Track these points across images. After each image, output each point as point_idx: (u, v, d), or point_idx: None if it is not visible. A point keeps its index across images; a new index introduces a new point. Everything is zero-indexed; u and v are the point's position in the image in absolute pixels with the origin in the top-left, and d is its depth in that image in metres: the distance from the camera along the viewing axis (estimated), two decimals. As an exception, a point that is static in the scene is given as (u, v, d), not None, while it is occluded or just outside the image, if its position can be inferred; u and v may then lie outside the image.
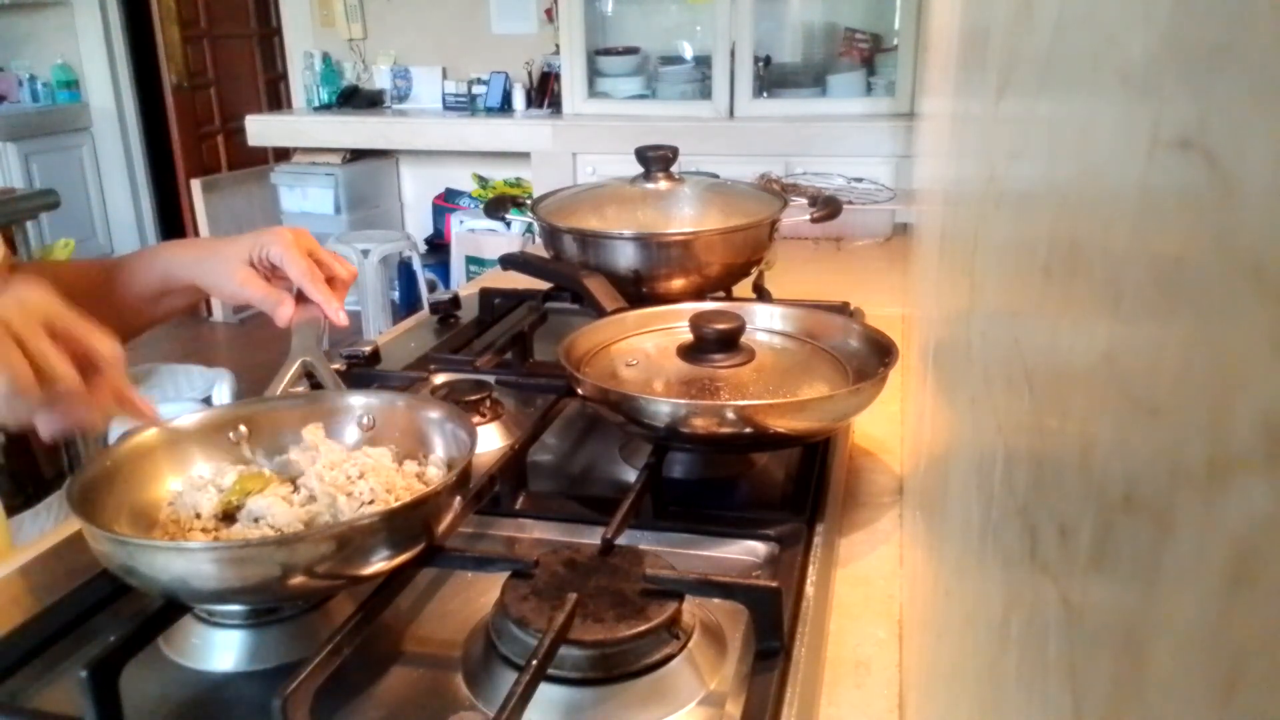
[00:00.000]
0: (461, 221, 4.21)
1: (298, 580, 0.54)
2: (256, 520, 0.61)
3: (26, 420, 0.61)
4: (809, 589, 0.62)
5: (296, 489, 0.65)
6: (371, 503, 0.63)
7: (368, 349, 1.04)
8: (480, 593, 0.64)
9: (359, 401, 0.74)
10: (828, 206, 1.25)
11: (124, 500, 0.64)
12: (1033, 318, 0.25)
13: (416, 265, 4.13)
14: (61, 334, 0.60)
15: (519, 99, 3.84)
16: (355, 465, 0.67)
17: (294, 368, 0.83)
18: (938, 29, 0.84)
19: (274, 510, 0.61)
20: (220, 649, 0.60)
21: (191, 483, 0.66)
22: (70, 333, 0.60)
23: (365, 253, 3.99)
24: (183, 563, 0.53)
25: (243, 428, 0.71)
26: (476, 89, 3.98)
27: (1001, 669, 0.26)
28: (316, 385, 0.83)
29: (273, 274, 0.87)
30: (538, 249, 1.31)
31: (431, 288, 4.08)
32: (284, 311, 0.86)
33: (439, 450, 0.69)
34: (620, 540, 0.63)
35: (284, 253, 0.85)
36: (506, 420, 0.89)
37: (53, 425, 0.61)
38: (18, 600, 0.66)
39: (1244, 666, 0.11)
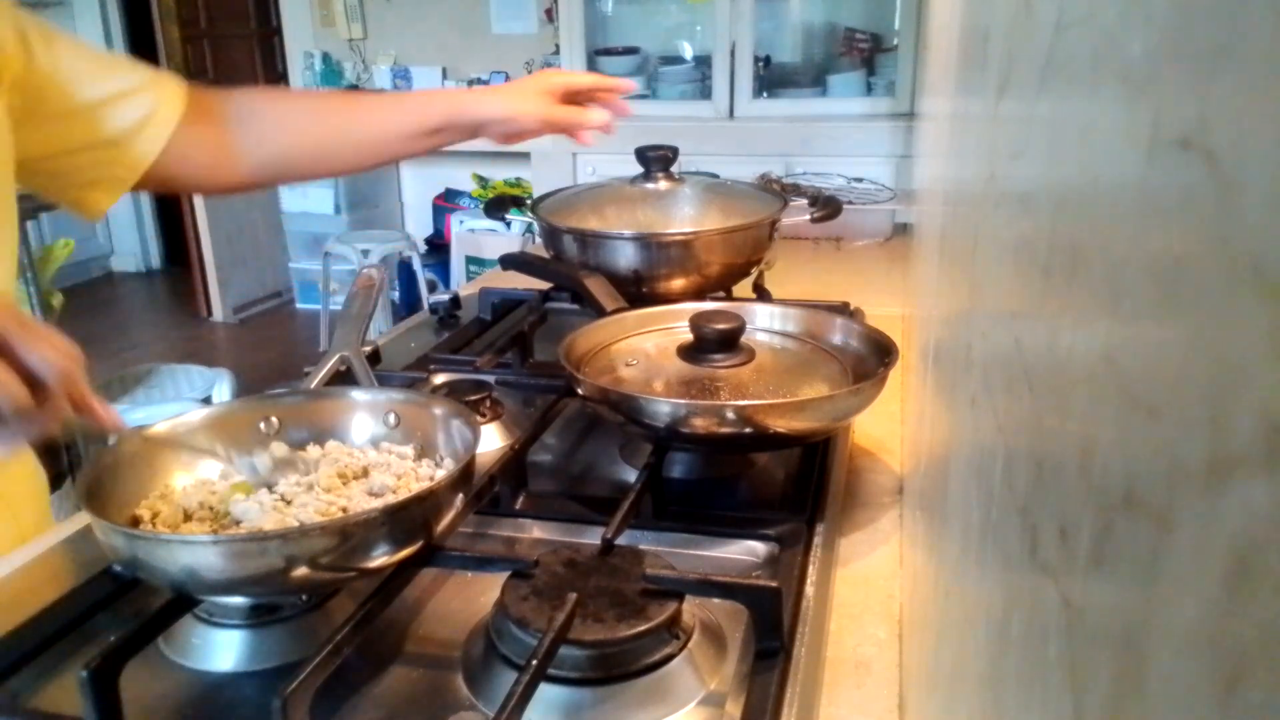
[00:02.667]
0: (461, 221, 4.21)
1: (301, 572, 0.54)
2: (238, 523, 0.62)
3: None
4: (809, 589, 0.62)
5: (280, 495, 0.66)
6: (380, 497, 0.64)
7: (368, 349, 1.04)
8: (480, 593, 0.64)
9: (386, 398, 0.74)
10: (828, 206, 1.25)
11: (132, 495, 0.64)
12: (1033, 318, 0.25)
13: (416, 265, 4.13)
14: (10, 343, 0.56)
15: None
16: (363, 463, 0.68)
17: (333, 361, 0.85)
18: (938, 29, 0.84)
19: (249, 514, 0.62)
20: (220, 649, 0.60)
21: (187, 490, 0.67)
22: (21, 341, 0.56)
23: (365, 253, 3.99)
24: (190, 555, 0.54)
25: (274, 419, 0.72)
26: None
27: (1001, 669, 0.26)
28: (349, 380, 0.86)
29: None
30: (538, 249, 1.31)
31: (431, 288, 4.08)
32: (596, 116, 1.02)
33: (443, 448, 0.70)
34: (620, 540, 0.63)
35: (568, 78, 1.03)
36: (506, 420, 0.89)
37: (5, 442, 0.58)
38: (18, 600, 0.66)
39: (1244, 666, 0.11)
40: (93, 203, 0.91)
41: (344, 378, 0.88)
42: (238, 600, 0.60)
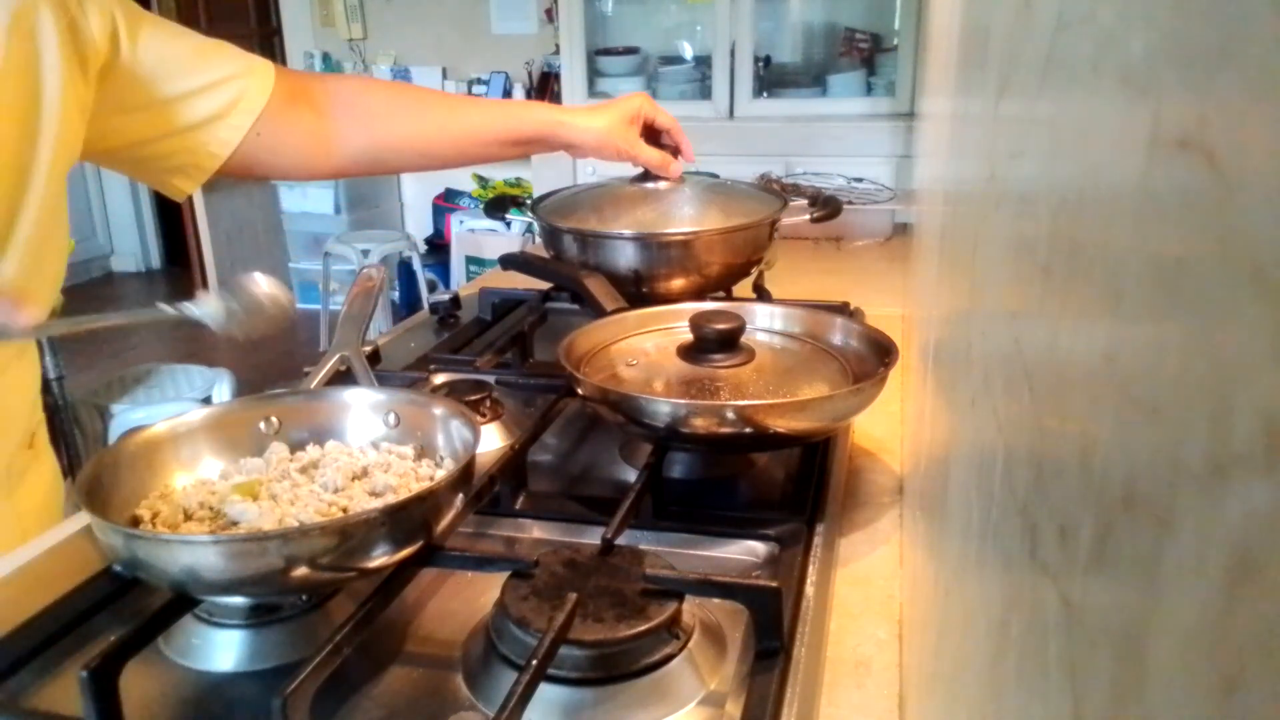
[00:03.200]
0: (461, 221, 4.21)
1: (301, 572, 0.54)
2: (235, 524, 0.62)
3: None
4: (809, 589, 0.62)
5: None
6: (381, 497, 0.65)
7: (368, 349, 1.04)
8: (480, 593, 0.64)
9: (386, 398, 0.74)
10: (828, 206, 1.25)
11: (132, 495, 0.64)
12: (1033, 318, 0.25)
13: (416, 265, 4.13)
14: None
15: (519, 99, 3.85)
16: (363, 463, 0.68)
17: (333, 361, 0.85)
18: (938, 29, 0.84)
19: (246, 515, 0.62)
20: (220, 649, 0.60)
21: (187, 490, 0.67)
22: None
23: (365, 253, 3.99)
24: (190, 555, 0.54)
25: (274, 419, 0.73)
26: (476, 89, 3.98)
27: (1001, 669, 0.26)
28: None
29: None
30: (538, 249, 1.31)
31: (431, 288, 4.08)
32: (676, 168, 1.08)
33: (443, 448, 0.70)
34: (620, 540, 0.63)
35: (655, 111, 1.07)
36: (506, 420, 0.89)
37: None
38: (18, 600, 0.66)
39: (1244, 666, 0.11)
40: (175, 188, 0.94)
41: (344, 378, 0.88)
42: (238, 600, 0.60)
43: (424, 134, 1.04)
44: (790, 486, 0.79)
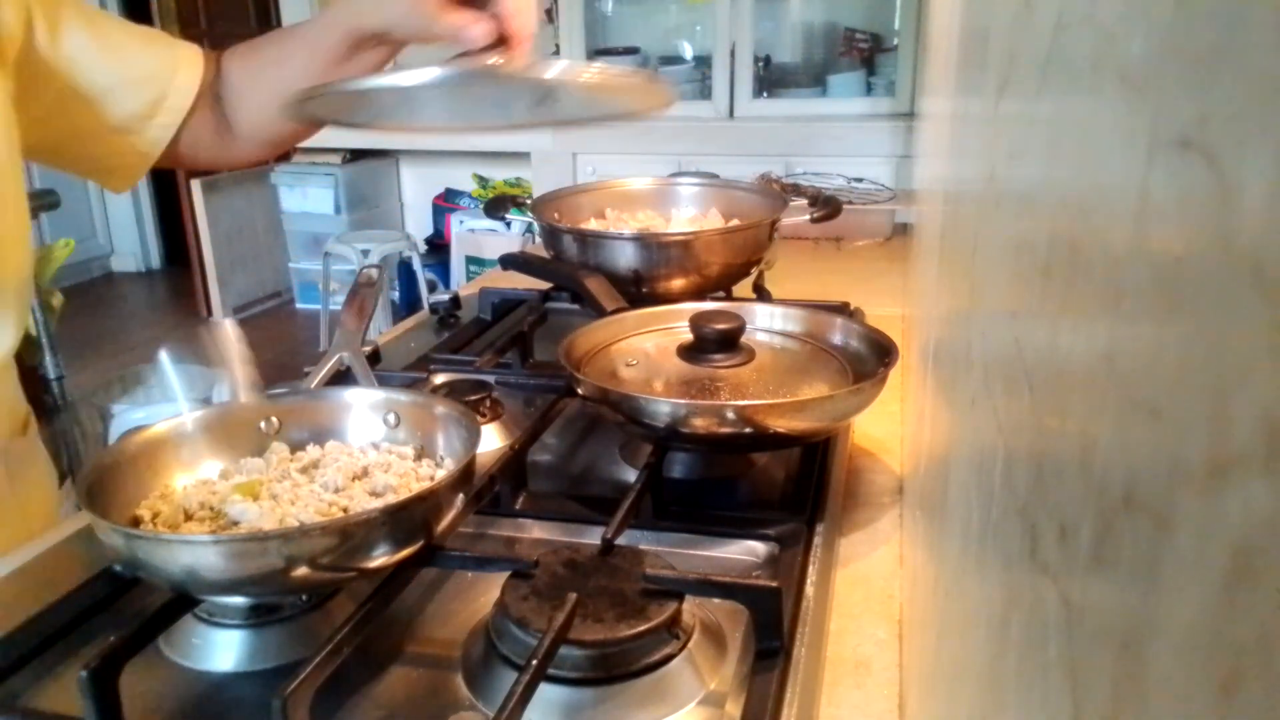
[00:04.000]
0: (461, 221, 4.21)
1: (301, 572, 0.54)
2: (236, 524, 0.62)
3: None
4: (809, 589, 0.62)
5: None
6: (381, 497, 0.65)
7: (368, 349, 1.04)
8: (480, 593, 0.64)
9: (386, 398, 0.74)
10: (828, 206, 1.25)
11: (132, 495, 0.64)
12: (1033, 318, 0.25)
13: (416, 265, 4.13)
14: None
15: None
16: (364, 463, 0.69)
17: (333, 361, 0.85)
18: (938, 29, 0.84)
19: (247, 515, 0.62)
20: (220, 649, 0.60)
21: (187, 490, 0.67)
22: None
23: (365, 253, 3.99)
24: (190, 555, 0.54)
25: (274, 419, 0.73)
26: (476, 89, 3.97)
27: (1001, 669, 0.26)
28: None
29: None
30: (538, 249, 1.31)
31: (431, 288, 4.08)
32: (477, 31, 0.75)
33: (443, 448, 0.70)
34: (620, 540, 0.63)
35: None
36: (506, 420, 0.89)
37: None
38: (18, 600, 0.66)
39: (1244, 666, 0.11)
40: (112, 186, 0.94)
41: (344, 378, 0.88)
42: (238, 600, 0.60)
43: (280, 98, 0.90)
44: (790, 486, 0.79)
